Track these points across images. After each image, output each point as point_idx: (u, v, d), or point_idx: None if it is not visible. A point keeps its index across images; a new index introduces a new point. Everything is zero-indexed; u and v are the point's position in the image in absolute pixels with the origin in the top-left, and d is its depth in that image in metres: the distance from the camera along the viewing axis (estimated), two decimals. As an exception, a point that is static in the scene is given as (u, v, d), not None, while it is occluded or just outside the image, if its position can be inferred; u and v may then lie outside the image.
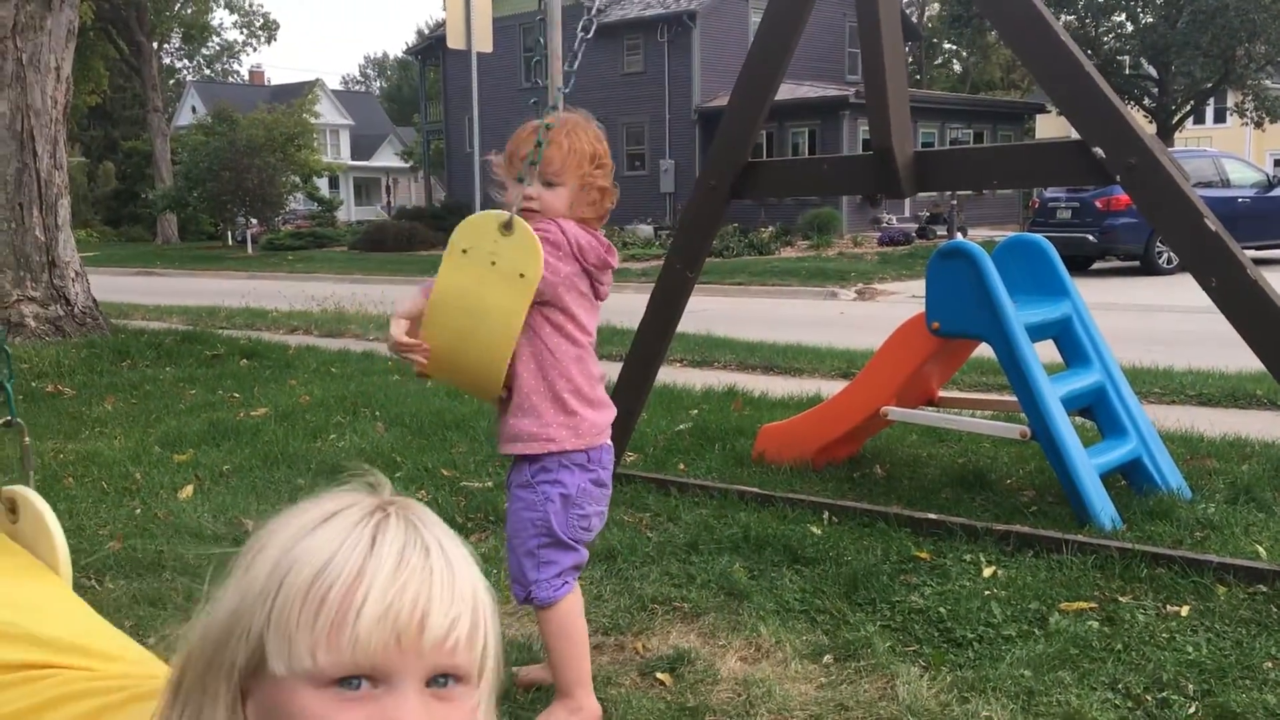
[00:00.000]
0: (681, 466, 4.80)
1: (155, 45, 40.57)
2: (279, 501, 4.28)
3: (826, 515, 3.98)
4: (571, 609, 2.55)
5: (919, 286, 4.48)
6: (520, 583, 2.53)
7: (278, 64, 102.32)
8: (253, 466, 4.87)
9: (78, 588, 3.46)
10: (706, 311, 11.86)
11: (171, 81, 52.54)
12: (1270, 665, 2.74)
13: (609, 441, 2.58)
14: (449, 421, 5.66)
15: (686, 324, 5.72)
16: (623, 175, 33.22)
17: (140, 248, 35.45)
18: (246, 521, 4.03)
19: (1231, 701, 2.55)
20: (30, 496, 1.71)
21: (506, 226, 2.35)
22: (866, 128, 4.11)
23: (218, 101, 40.06)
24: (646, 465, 4.81)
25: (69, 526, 4.00)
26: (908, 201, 28.24)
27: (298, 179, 33.95)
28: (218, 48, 49.08)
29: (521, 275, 2.35)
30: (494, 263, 2.35)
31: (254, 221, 32.45)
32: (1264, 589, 3.18)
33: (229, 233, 35.09)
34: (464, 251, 2.38)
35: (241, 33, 44.03)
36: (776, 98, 4.32)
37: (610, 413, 2.59)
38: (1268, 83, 32.92)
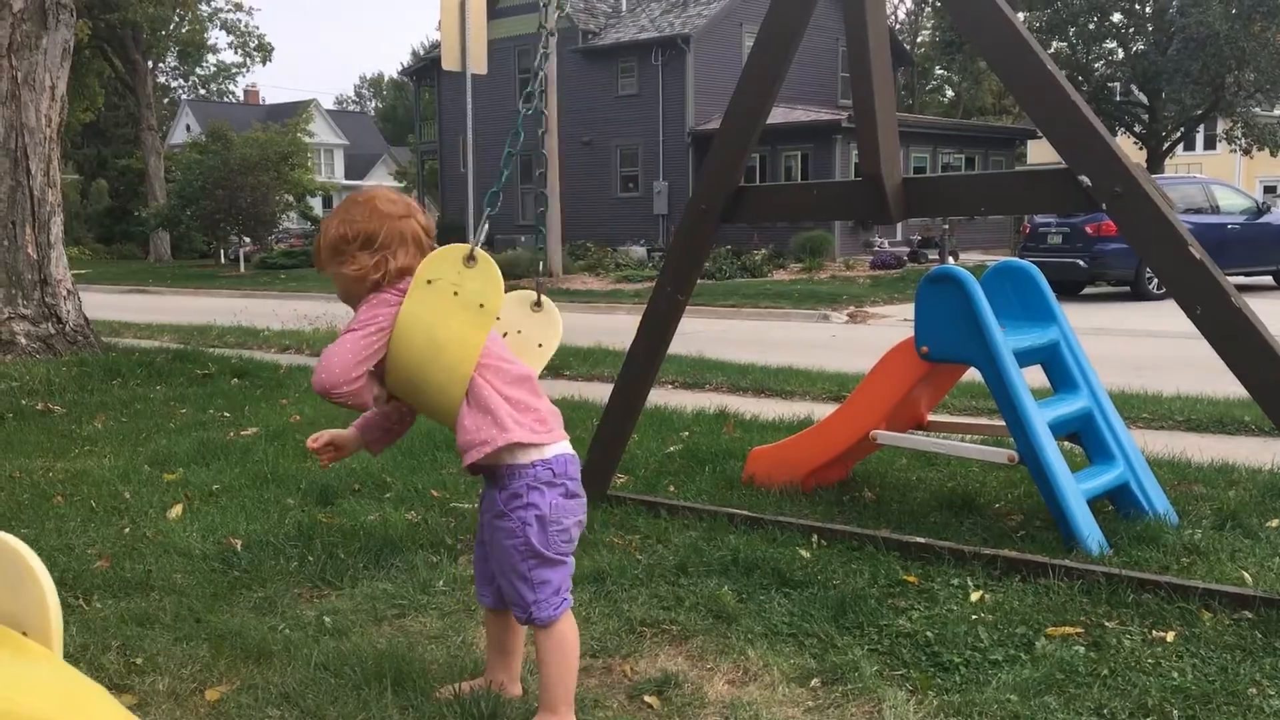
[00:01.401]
0: (671, 488, 4.81)
1: (150, 64, 40.67)
2: (268, 521, 4.28)
3: (815, 538, 3.99)
4: (570, 628, 2.58)
5: (910, 310, 4.50)
6: (520, 605, 2.55)
7: (272, 83, 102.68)
8: (242, 486, 4.87)
9: (64, 607, 3.47)
10: (698, 333, 11.89)
11: (166, 100, 52.64)
12: (1255, 691, 2.75)
13: (571, 452, 2.60)
14: (439, 442, 5.66)
15: (678, 346, 5.74)
16: (616, 197, 33.51)
17: (133, 265, 35.45)
18: (235, 541, 4.02)
19: (1216, 727, 2.56)
20: (16, 551, 1.48)
21: (470, 259, 2.50)
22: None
23: (212, 120, 40.16)
24: (637, 487, 4.82)
25: (58, 545, 4.00)
26: (900, 225, 28.37)
27: (291, 198, 34.00)
28: (213, 68, 49.22)
29: (481, 305, 2.49)
30: (456, 293, 2.48)
31: (247, 240, 32.48)
32: (1249, 615, 3.19)
33: (222, 251, 35.10)
34: (429, 283, 2.48)
35: (237, 53, 44.11)
36: (769, 121, 4.36)
37: (559, 421, 2.62)
38: (1257, 110, 33.21)
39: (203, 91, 56.67)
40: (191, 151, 34.02)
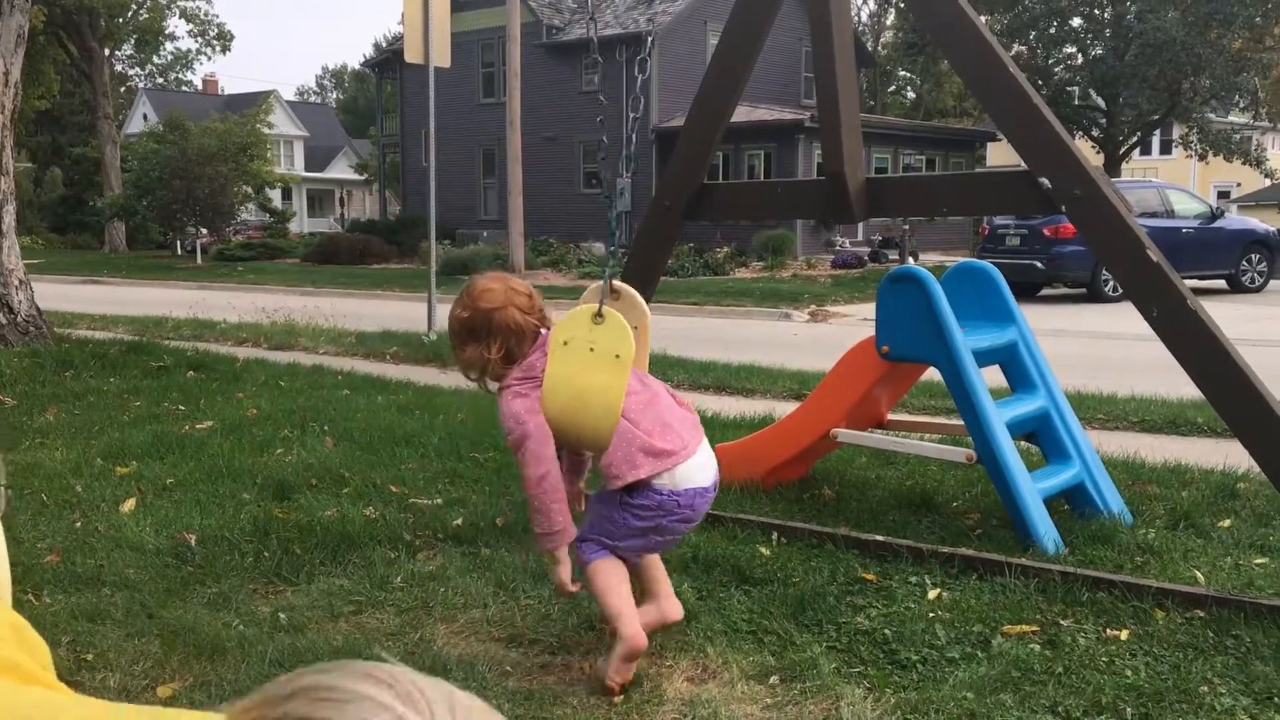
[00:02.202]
0: (632, 486, 4.79)
1: (107, 52, 40.07)
2: (223, 516, 4.23)
3: (775, 536, 4.00)
4: (600, 567, 2.86)
5: (871, 309, 4.53)
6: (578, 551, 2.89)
7: (232, 73, 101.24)
8: (197, 480, 4.81)
9: (14, 602, 3.39)
10: (660, 331, 11.85)
11: (123, 88, 51.86)
12: (1206, 689, 2.78)
13: (703, 484, 2.87)
14: (398, 437, 5.62)
15: (639, 343, 5.72)
16: (579, 193, 33.36)
17: (87, 256, 34.91)
18: (189, 536, 3.97)
19: (1168, 725, 2.59)
20: None
21: (599, 316, 2.82)
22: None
23: (170, 109, 39.56)
24: (597, 484, 4.80)
25: (6, 539, 3.93)
26: (861, 225, 28.52)
27: (250, 189, 33.61)
28: (170, 56, 48.53)
29: (617, 356, 2.78)
30: (592, 349, 2.78)
31: (204, 231, 32.08)
32: (1201, 614, 3.23)
33: (178, 242, 34.66)
34: (564, 344, 2.79)
35: (196, 42, 43.54)
36: (733, 120, 4.36)
37: (694, 429, 2.93)
38: (1212, 116, 33.68)
39: (160, 80, 55.86)
40: (148, 141, 33.52)
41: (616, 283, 3.00)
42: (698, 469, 2.86)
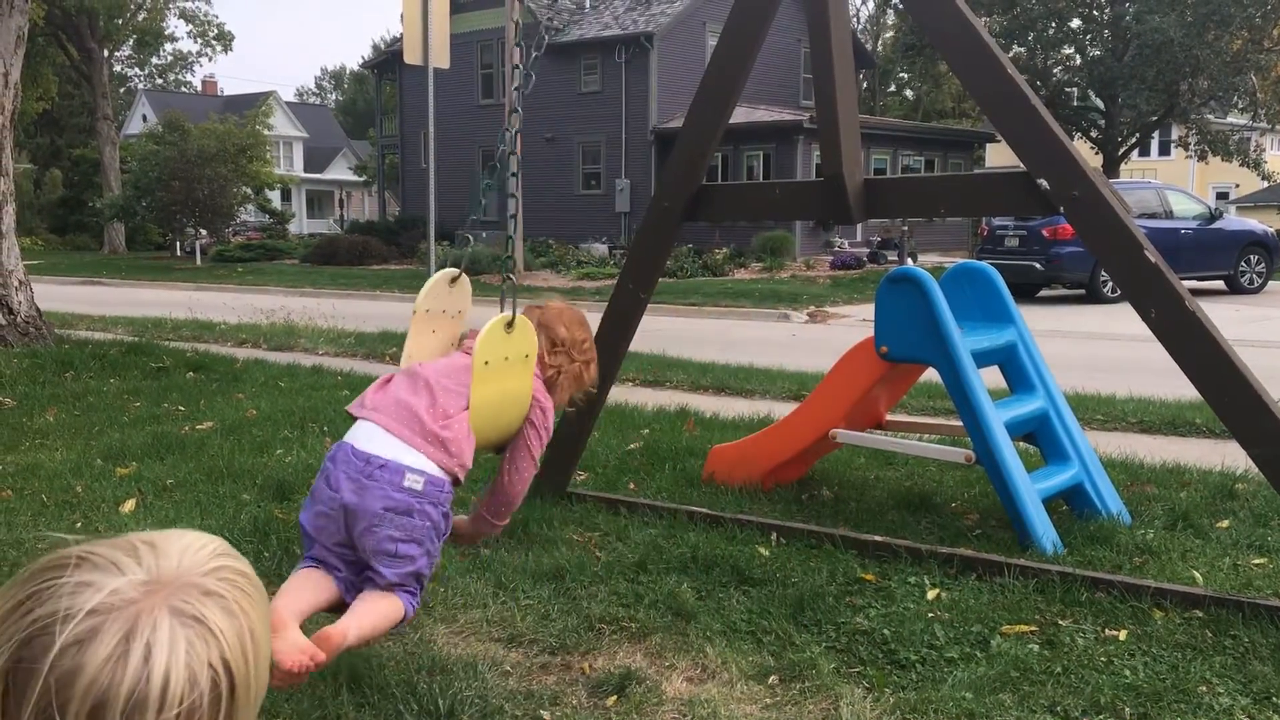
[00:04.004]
0: (631, 486, 4.81)
1: (106, 53, 40.07)
2: (223, 517, 4.23)
3: (774, 536, 4.00)
4: None
5: (870, 310, 4.54)
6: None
7: (231, 74, 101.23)
8: (197, 481, 4.81)
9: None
10: (660, 331, 11.88)
11: (122, 90, 51.87)
12: (1204, 689, 2.79)
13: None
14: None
15: (639, 344, 5.74)
16: (578, 194, 33.31)
17: (87, 257, 34.91)
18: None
19: (1166, 724, 2.59)
20: None
21: (509, 326, 2.89)
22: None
23: (169, 110, 39.52)
24: (596, 484, 4.81)
25: (7, 539, 3.93)
26: (860, 226, 28.53)
27: (249, 190, 33.60)
28: (170, 57, 48.53)
29: (526, 356, 2.95)
30: (507, 358, 2.88)
31: (203, 232, 32.08)
32: (1199, 614, 3.24)
33: (178, 243, 34.66)
34: (485, 364, 2.83)
35: (196, 43, 43.55)
36: (732, 121, 4.37)
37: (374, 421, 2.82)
38: (1210, 117, 33.68)
39: (159, 81, 55.86)
40: (148, 142, 33.50)
41: (452, 270, 3.09)
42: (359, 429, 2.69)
